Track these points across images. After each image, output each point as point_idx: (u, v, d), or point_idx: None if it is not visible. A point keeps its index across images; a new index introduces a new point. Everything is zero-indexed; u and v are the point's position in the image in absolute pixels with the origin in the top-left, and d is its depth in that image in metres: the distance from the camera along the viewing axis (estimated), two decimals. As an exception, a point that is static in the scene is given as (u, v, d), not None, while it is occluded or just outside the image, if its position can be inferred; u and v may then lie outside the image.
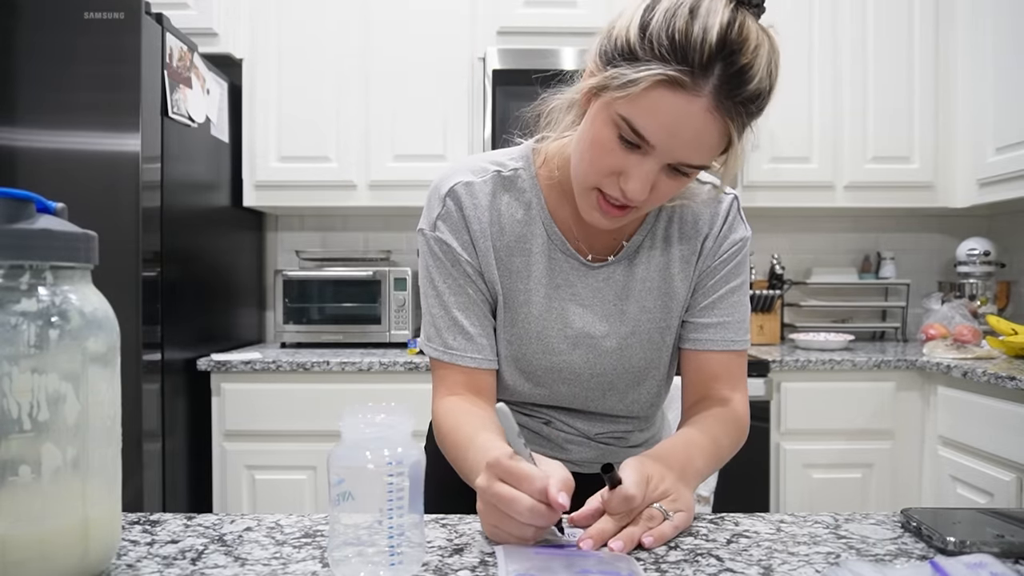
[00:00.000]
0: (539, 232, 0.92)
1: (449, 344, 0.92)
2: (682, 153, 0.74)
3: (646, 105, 0.72)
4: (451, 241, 0.90)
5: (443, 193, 0.91)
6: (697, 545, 0.68)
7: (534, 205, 0.92)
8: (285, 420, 2.20)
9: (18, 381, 0.52)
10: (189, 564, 0.62)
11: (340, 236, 2.87)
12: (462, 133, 2.48)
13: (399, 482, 0.58)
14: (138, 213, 1.86)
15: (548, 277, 0.92)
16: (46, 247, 0.55)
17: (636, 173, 0.76)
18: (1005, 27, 2.28)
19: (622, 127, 0.74)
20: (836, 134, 2.53)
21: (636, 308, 0.93)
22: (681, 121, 0.72)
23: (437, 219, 0.91)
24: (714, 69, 0.70)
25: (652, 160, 0.75)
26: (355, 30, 2.48)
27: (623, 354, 0.93)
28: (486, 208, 0.90)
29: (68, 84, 1.85)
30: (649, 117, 0.72)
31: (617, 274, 0.93)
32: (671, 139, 0.73)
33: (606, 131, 0.76)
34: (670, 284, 0.93)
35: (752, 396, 2.17)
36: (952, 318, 2.40)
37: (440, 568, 0.62)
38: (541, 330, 0.92)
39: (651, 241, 0.93)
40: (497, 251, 0.91)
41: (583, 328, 0.92)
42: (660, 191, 0.79)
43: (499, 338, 0.94)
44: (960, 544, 0.64)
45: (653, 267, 0.93)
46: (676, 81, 0.70)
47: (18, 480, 0.52)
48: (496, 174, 0.92)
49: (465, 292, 0.91)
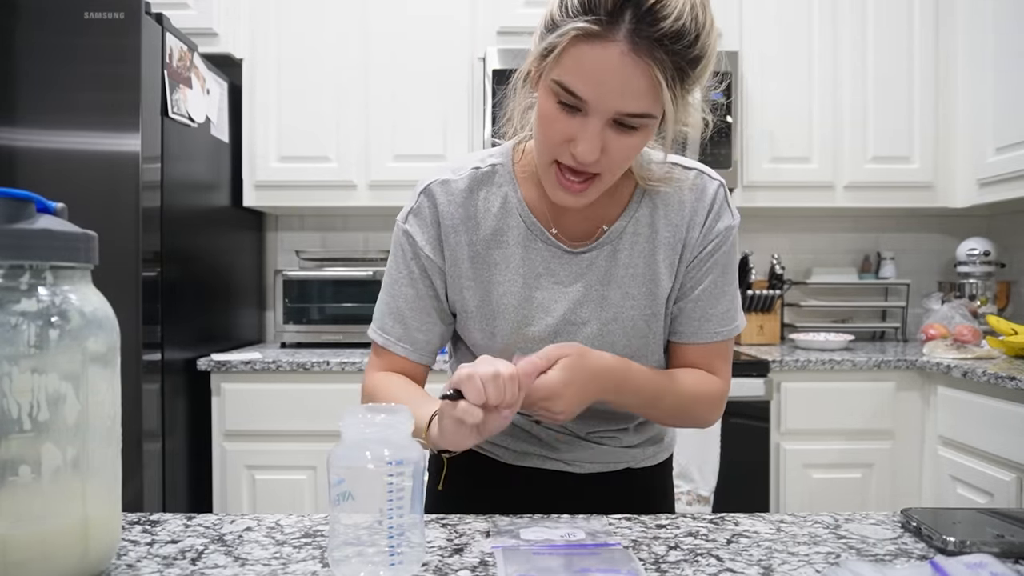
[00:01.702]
0: (516, 223, 0.93)
1: (387, 329, 0.96)
2: (615, 102, 0.76)
3: (569, 64, 0.75)
4: (416, 234, 0.94)
5: (419, 190, 0.95)
6: (697, 545, 0.68)
7: (511, 197, 0.93)
8: (285, 420, 2.20)
9: (18, 381, 0.52)
10: (189, 564, 0.62)
11: (340, 236, 2.87)
12: (462, 133, 2.48)
13: (399, 482, 0.58)
14: (138, 213, 1.87)
15: (526, 267, 0.93)
16: (46, 247, 0.55)
17: (582, 135, 0.78)
18: (1005, 27, 2.28)
19: (559, 92, 0.77)
20: (836, 134, 2.53)
21: (619, 294, 0.92)
22: (603, 70, 0.74)
23: (410, 213, 0.95)
24: (625, 14, 0.72)
25: (593, 119, 0.77)
26: (355, 30, 2.48)
27: (604, 340, 0.92)
28: (460, 204, 0.93)
29: (68, 84, 1.85)
30: (574, 74, 0.75)
31: (600, 260, 0.93)
32: (599, 89, 0.75)
33: (548, 102, 0.79)
34: (655, 271, 0.93)
35: (752, 396, 2.17)
36: (952, 318, 2.40)
37: (440, 568, 0.62)
38: (522, 319, 0.92)
39: (634, 227, 0.93)
40: (473, 246, 0.93)
41: (563, 315, 0.92)
42: (613, 151, 0.80)
43: (480, 332, 0.94)
44: (960, 544, 0.64)
45: (637, 253, 0.93)
46: (589, 33, 0.73)
47: (18, 480, 0.52)
48: (474, 171, 0.95)
49: (415, 286, 0.95)
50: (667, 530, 0.72)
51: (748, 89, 2.49)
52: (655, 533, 0.71)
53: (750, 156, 2.51)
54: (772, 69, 2.50)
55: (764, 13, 2.49)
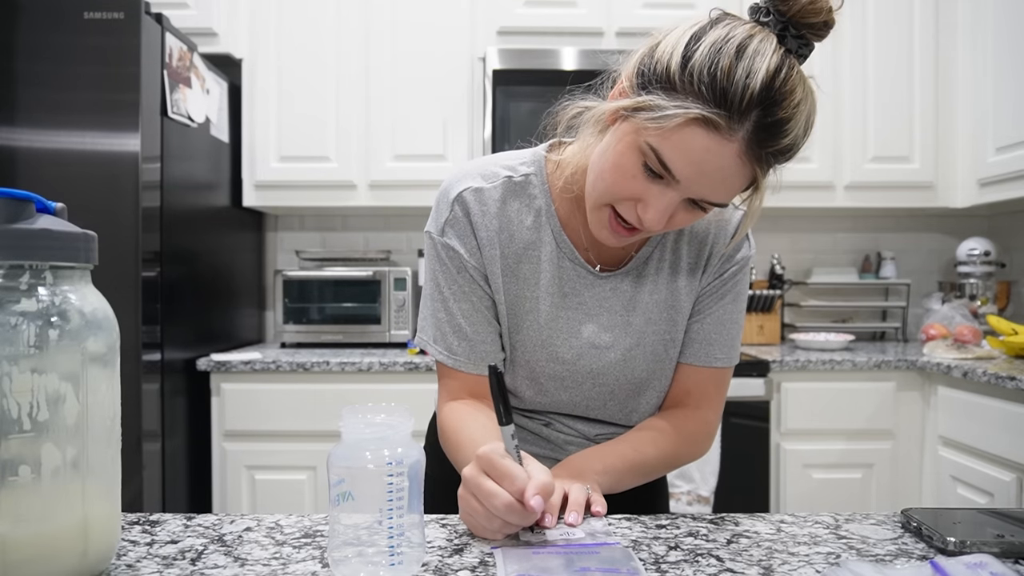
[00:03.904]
0: (548, 240, 0.91)
1: (453, 349, 0.92)
2: (706, 191, 0.75)
3: (677, 141, 0.71)
4: (458, 247, 0.90)
5: (451, 198, 0.90)
6: (697, 545, 0.68)
7: (544, 212, 0.91)
8: (285, 420, 2.20)
9: (18, 381, 0.52)
10: (189, 564, 0.62)
11: (340, 236, 2.87)
12: (462, 133, 2.48)
13: (399, 482, 0.58)
14: (138, 213, 1.86)
15: (556, 285, 0.92)
16: (46, 247, 0.55)
17: (656, 203, 0.76)
18: (1005, 27, 2.28)
19: (649, 156, 0.73)
20: (836, 134, 2.53)
21: (642, 320, 0.93)
22: (710, 161, 0.72)
23: (445, 224, 0.91)
24: (751, 116, 0.70)
25: (674, 192, 0.75)
26: (355, 30, 2.48)
27: (627, 365, 0.93)
28: (495, 215, 0.90)
29: (68, 84, 1.85)
30: (679, 153, 0.72)
31: (625, 285, 0.92)
32: (698, 177, 0.73)
33: (631, 156, 0.75)
34: (676, 298, 0.93)
35: (752, 396, 2.17)
36: (952, 318, 2.40)
37: (440, 568, 0.62)
38: (547, 338, 0.92)
39: (660, 254, 0.93)
40: (505, 258, 0.91)
41: (588, 338, 0.92)
42: (675, 221, 0.79)
43: (504, 343, 0.94)
44: (960, 544, 0.64)
45: (661, 280, 0.93)
46: (711, 122, 0.70)
47: (18, 480, 0.52)
48: (507, 180, 0.91)
49: (469, 299, 0.91)
50: (667, 530, 0.72)
51: (748, 89, 2.49)
52: (655, 533, 0.71)
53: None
54: (772, 69, 2.49)
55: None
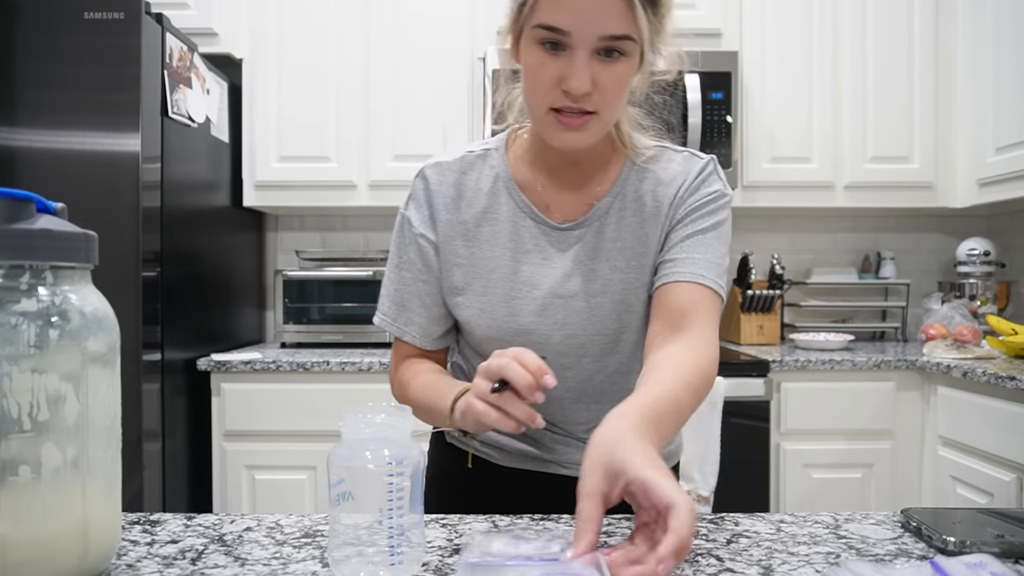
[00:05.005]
0: (506, 201, 0.95)
1: (387, 312, 0.99)
2: (595, 26, 0.79)
3: (546, 4, 0.80)
4: (413, 217, 0.97)
5: (415, 176, 1.00)
6: (697, 545, 0.68)
7: (502, 177, 0.96)
8: (285, 420, 2.20)
9: (18, 381, 0.52)
10: (189, 564, 0.62)
11: (340, 236, 2.87)
12: (462, 133, 2.48)
13: (399, 482, 0.58)
14: (138, 213, 1.86)
15: (515, 242, 0.94)
16: (46, 247, 0.55)
17: (571, 70, 0.80)
18: (1005, 27, 2.28)
19: (541, 35, 0.81)
20: (836, 134, 2.53)
21: (606, 267, 0.93)
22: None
23: (408, 199, 0.99)
24: None
25: (579, 51, 0.80)
26: (355, 30, 2.48)
27: (593, 314, 0.93)
28: (452, 184, 0.97)
29: (68, 84, 1.85)
30: (553, 9, 0.79)
31: (588, 235, 0.94)
32: (579, 16, 0.78)
33: (533, 52, 0.82)
34: (643, 243, 0.93)
35: (752, 396, 2.17)
36: (952, 318, 2.40)
37: (440, 568, 0.62)
38: (508, 292, 0.93)
39: (621, 202, 0.94)
40: (464, 223, 0.96)
41: (551, 289, 0.93)
42: (603, 83, 0.82)
43: (470, 309, 0.95)
44: (960, 544, 0.64)
45: (624, 226, 0.93)
46: None
47: (18, 480, 0.52)
48: (467, 154, 0.99)
49: (411, 269, 0.97)
50: (667, 530, 0.72)
51: (748, 89, 2.49)
52: (655, 533, 0.71)
53: (750, 156, 2.51)
54: (772, 69, 2.50)
55: (764, 13, 2.48)
